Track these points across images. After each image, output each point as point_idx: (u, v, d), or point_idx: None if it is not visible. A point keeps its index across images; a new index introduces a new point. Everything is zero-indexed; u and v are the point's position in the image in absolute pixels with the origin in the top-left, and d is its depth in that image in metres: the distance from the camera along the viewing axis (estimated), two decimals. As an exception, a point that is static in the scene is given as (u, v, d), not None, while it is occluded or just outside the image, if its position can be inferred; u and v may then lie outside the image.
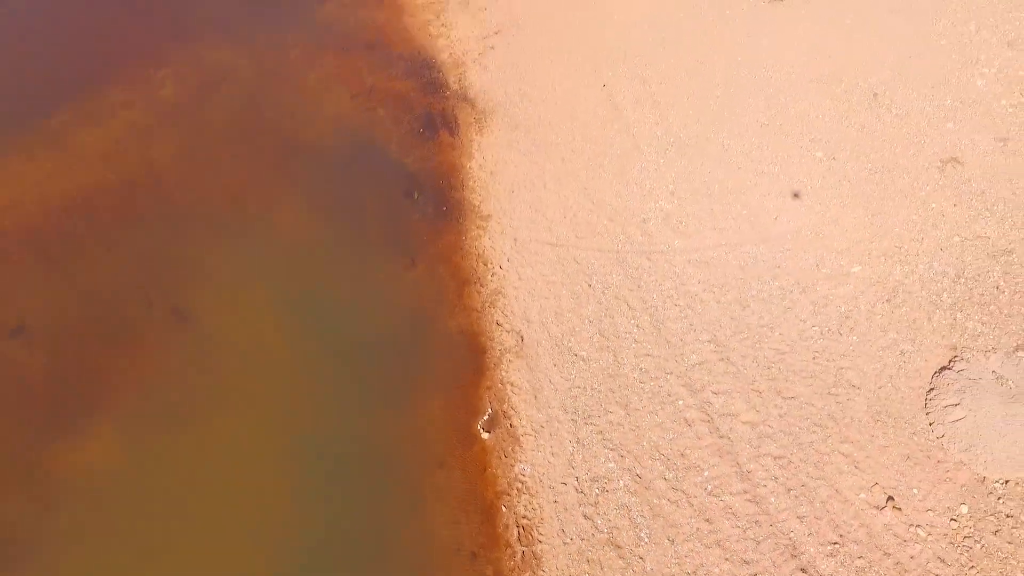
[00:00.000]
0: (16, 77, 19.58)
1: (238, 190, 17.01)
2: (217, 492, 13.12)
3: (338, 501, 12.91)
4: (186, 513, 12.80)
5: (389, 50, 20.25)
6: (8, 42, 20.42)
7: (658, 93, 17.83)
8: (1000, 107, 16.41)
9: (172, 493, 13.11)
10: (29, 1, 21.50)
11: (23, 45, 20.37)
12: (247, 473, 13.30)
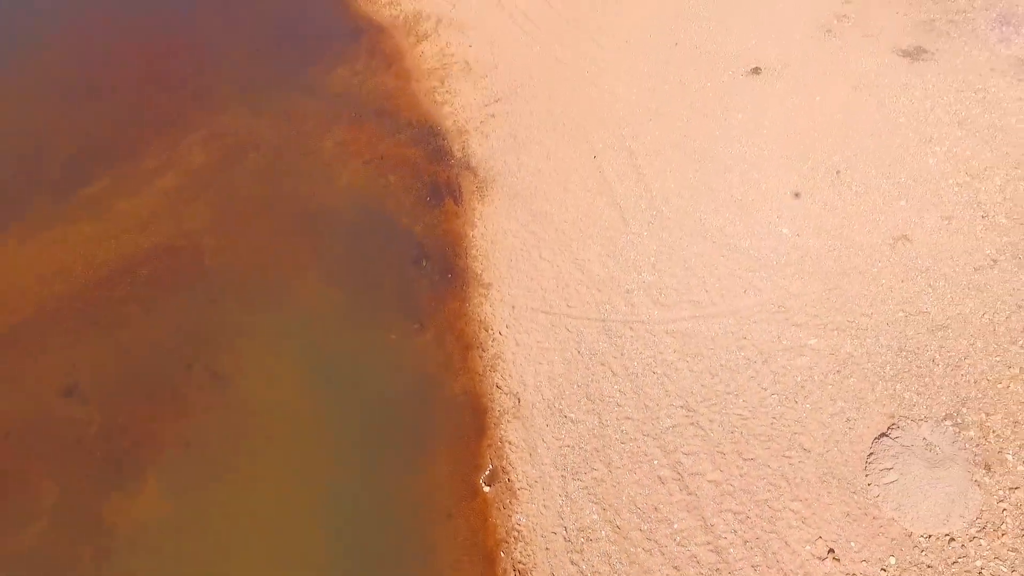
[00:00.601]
0: (56, 146, 21.72)
1: (264, 257, 19.16)
2: (251, 539, 15.31)
3: (360, 547, 15.10)
4: (226, 558, 14.99)
5: (398, 117, 22.37)
6: (48, 112, 22.53)
7: (643, 166, 19.95)
8: (947, 186, 18.53)
9: (212, 540, 15.31)
10: (64, 72, 23.60)
11: (62, 115, 22.49)
12: (277, 521, 15.48)
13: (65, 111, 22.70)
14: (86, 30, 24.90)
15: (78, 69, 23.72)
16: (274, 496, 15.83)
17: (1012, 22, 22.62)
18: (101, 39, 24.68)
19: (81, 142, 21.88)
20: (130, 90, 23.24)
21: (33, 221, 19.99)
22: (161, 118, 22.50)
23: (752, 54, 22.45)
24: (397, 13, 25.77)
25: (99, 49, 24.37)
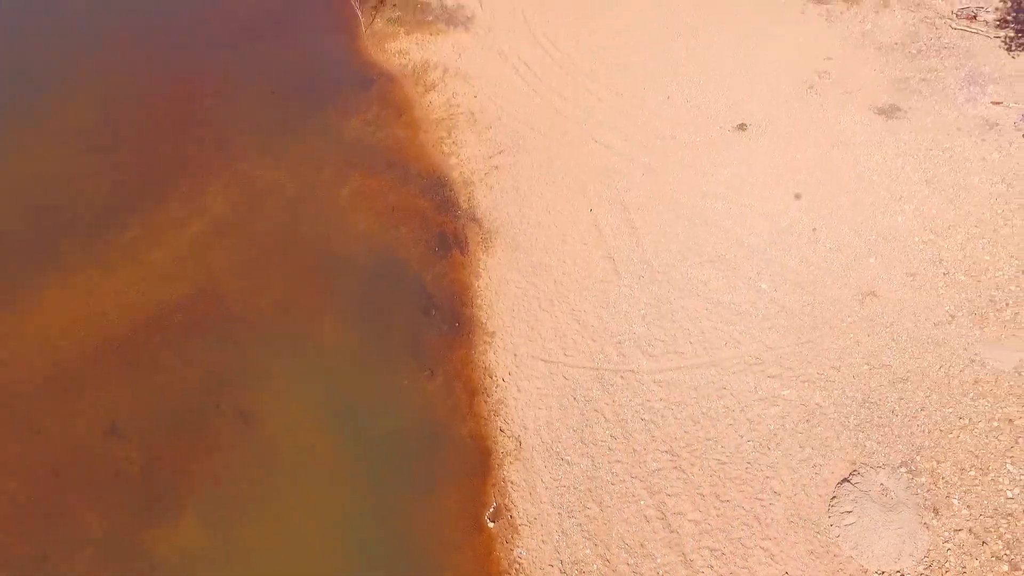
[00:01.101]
0: (88, 194, 23.55)
1: (286, 303, 21.04)
2: (277, 566, 17.23)
3: (376, 574, 17.02)
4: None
5: (408, 168, 24.22)
6: (78, 160, 24.35)
7: (636, 219, 21.82)
8: (913, 243, 20.42)
9: (242, 567, 17.22)
10: (91, 121, 25.38)
11: (91, 163, 24.31)
12: (300, 549, 17.40)
13: (94, 159, 24.52)
14: (111, 79, 26.68)
15: (104, 117, 25.53)
16: (297, 527, 17.75)
17: (978, 82, 24.48)
18: (125, 87, 26.46)
19: (111, 190, 23.72)
20: (155, 138, 25.06)
21: (71, 268, 21.85)
22: (185, 165, 24.34)
23: (739, 109, 24.31)
24: (406, 62, 27.59)
25: (124, 97, 26.15)
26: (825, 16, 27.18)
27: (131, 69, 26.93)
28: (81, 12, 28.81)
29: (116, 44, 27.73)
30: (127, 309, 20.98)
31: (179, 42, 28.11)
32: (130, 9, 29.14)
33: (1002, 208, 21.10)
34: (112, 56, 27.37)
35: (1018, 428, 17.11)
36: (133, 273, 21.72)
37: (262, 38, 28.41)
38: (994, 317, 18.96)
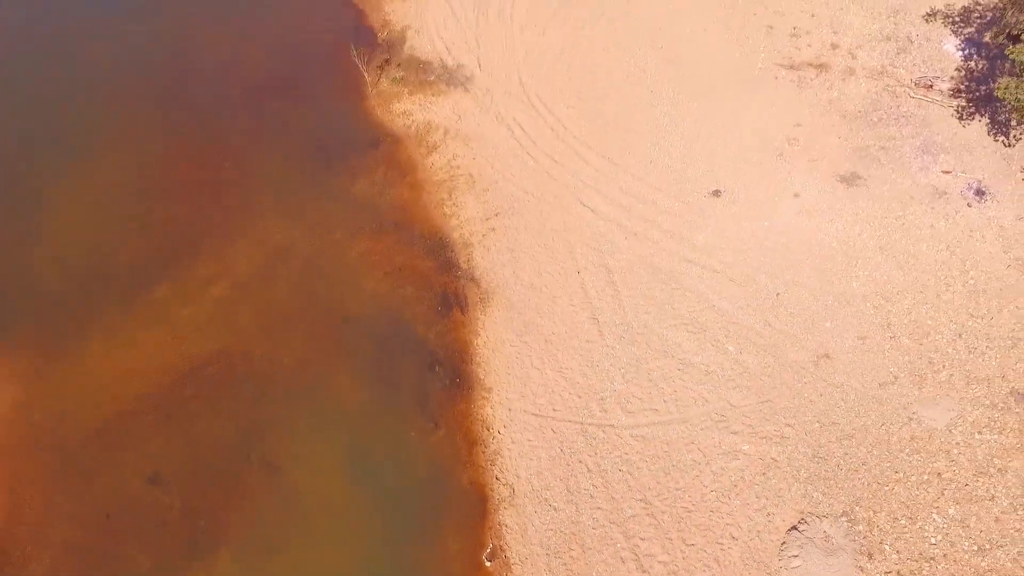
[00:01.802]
0: (120, 254, 26.24)
1: (306, 361, 23.80)
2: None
3: (387, 607, 19.90)
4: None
5: (412, 229, 26.93)
6: (109, 221, 26.99)
7: (619, 283, 24.56)
8: (865, 308, 23.20)
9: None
10: (120, 182, 28.00)
11: (122, 224, 26.97)
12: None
13: (124, 220, 27.19)
14: (139, 142, 29.26)
15: (133, 180, 28.16)
16: (319, 565, 20.58)
17: (931, 151, 27.18)
18: (152, 150, 29.06)
19: (141, 249, 26.41)
20: (181, 200, 27.73)
21: (110, 326, 24.58)
22: (209, 226, 27.02)
23: (715, 176, 26.99)
24: (410, 123, 30.21)
25: (151, 160, 28.76)
26: (797, 83, 29.82)
27: (157, 132, 29.53)
28: (107, 75, 31.37)
29: (143, 106, 30.32)
30: (162, 364, 23.72)
31: (201, 103, 30.69)
32: (154, 72, 31.71)
33: (945, 274, 23.87)
34: (140, 118, 29.96)
35: (945, 480, 19.95)
36: (166, 330, 24.44)
37: (277, 99, 30.99)
38: (932, 378, 21.76)
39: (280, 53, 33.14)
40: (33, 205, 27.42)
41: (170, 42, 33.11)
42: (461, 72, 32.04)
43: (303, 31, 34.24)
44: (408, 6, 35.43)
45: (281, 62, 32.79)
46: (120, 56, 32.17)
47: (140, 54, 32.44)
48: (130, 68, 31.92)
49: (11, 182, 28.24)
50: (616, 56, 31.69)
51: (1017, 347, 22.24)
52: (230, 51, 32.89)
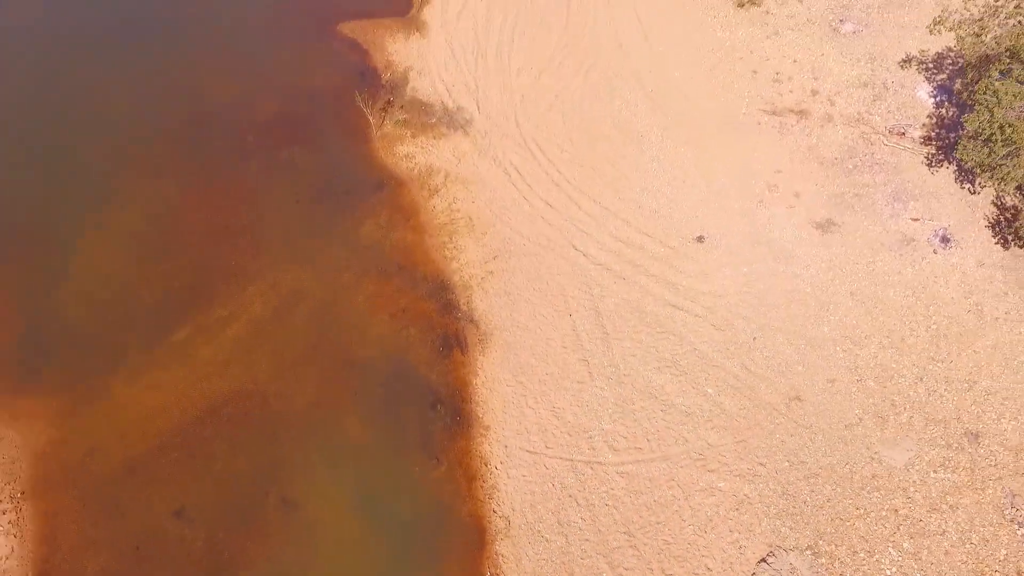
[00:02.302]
0: (143, 297, 28.27)
1: (317, 399, 25.88)
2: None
3: (394, 631, 22.06)
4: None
5: (415, 272, 28.98)
6: (130, 266, 29.01)
7: (607, 326, 26.63)
8: (835, 352, 25.27)
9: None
10: (140, 227, 30.00)
11: (142, 268, 29.00)
12: (336, 610, 22.42)
13: (147, 264, 29.22)
14: (157, 187, 31.25)
15: (153, 226, 30.16)
16: (332, 592, 22.75)
17: (902, 198, 29.20)
18: (168, 193, 31.06)
19: (163, 292, 28.45)
20: (199, 242, 29.75)
21: (134, 366, 26.64)
22: (226, 269, 29.05)
23: (699, 221, 29.01)
24: (412, 166, 32.21)
25: (168, 203, 30.78)
26: (778, 128, 31.82)
27: (176, 177, 31.50)
28: (126, 122, 33.30)
29: (162, 152, 32.27)
30: (185, 403, 25.81)
31: (215, 148, 32.66)
32: (170, 118, 33.62)
33: (910, 319, 25.95)
34: (159, 164, 31.92)
35: (901, 516, 22.09)
36: (187, 371, 26.52)
37: (288, 143, 32.99)
38: (893, 420, 23.87)
39: (290, 96, 35.10)
40: (60, 250, 29.40)
41: (185, 88, 35.03)
42: (461, 115, 34.03)
43: (311, 73, 36.20)
44: (411, 47, 37.40)
45: (291, 105, 34.75)
46: (138, 103, 34.09)
47: (157, 100, 34.36)
48: (148, 114, 33.82)
49: (38, 227, 30.21)
50: (607, 101, 33.69)
51: (972, 390, 24.36)
52: (242, 95, 34.86)
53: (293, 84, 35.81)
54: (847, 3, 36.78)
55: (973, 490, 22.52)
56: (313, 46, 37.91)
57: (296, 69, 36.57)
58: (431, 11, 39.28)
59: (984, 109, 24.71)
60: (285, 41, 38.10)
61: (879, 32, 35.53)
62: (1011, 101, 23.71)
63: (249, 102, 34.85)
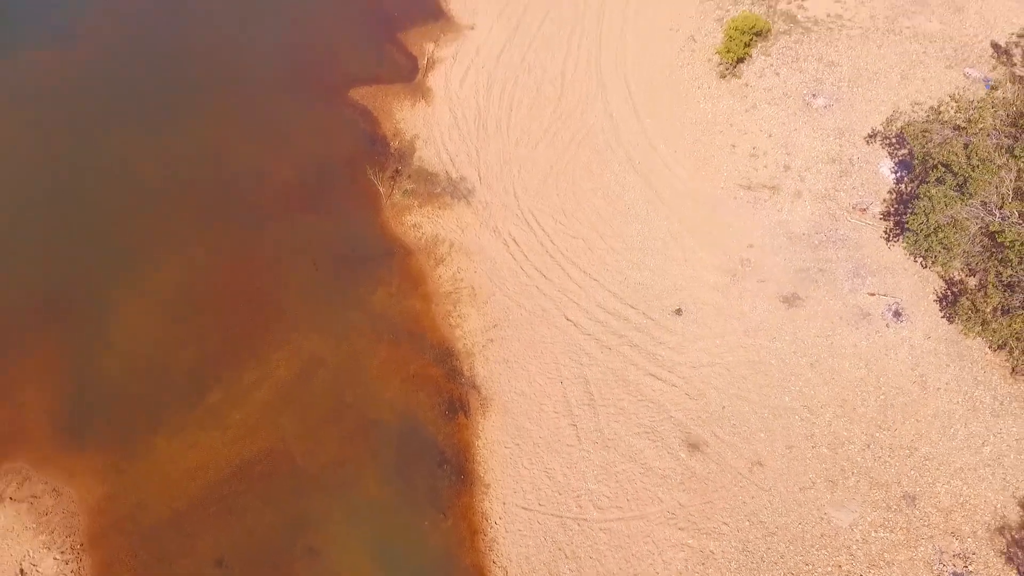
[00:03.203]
0: (178, 361, 31.99)
1: (337, 458, 29.67)
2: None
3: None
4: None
5: (423, 339, 32.72)
6: (166, 331, 32.71)
7: (595, 393, 30.41)
8: (794, 420, 29.08)
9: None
10: (172, 295, 33.68)
11: (177, 333, 32.70)
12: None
13: (179, 329, 32.94)
14: (185, 252, 34.89)
15: (183, 292, 33.86)
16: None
17: (861, 273, 32.91)
18: (198, 262, 34.71)
19: (196, 358, 32.20)
20: (226, 309, 33.47)
21: (173, 427, 30.42)
22: (252, 335, 32.79)
23: (678, 294, 32.75)
24: (420, 235, 35.88)
25: (197, 272, 34.44)
26: (752, 203, 35.48)
27: (203, 246, 35.17)
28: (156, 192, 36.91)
29: (191, 221, 35.93)
30: (220, 462, 29.61)
31: (239, 216, 36.33)
32: (197, 188, 37.24)
33: (861, 390, 29.74)
34: (188, 233, 35.57)
35: (844, 572, 25.98)
36: (221, 432, 30.30)
37: (305, 211, 36.68)
38: (842, 483, 27.70)
39: (306, 163, 38.75)
40: (100, 316, 33.11)
41: (208, 153, 38.68)
42: (464, 184, 37.66)
43: (325, 140, 39.82)
44: (417, 115, 40.97)
45: (307, 172, 38.40)
46: (165, 171, 37.72)
47: (182, 167, 38.00)
48: (175, 182, 37.48)
49: (79, 294, 33.89)
50: (598, 173, 37.34)
51: (913, 456, 28.19)
52: (262, 162, 38.51)
53: (309, 151, 39.44)
54: (820, 76, 40.34)
55: (907, 548, 26.40)
56: (326, 112, 41.49)
57: (311, 135, 40.18)
58: (435, 78, 42.85)
59: (921, 212, 28.38)
60: (300, 106, 41.69)
61: (848, 106, 39.11)
62: (943, 208, 27.36)
63: (269, 169, 38.49)
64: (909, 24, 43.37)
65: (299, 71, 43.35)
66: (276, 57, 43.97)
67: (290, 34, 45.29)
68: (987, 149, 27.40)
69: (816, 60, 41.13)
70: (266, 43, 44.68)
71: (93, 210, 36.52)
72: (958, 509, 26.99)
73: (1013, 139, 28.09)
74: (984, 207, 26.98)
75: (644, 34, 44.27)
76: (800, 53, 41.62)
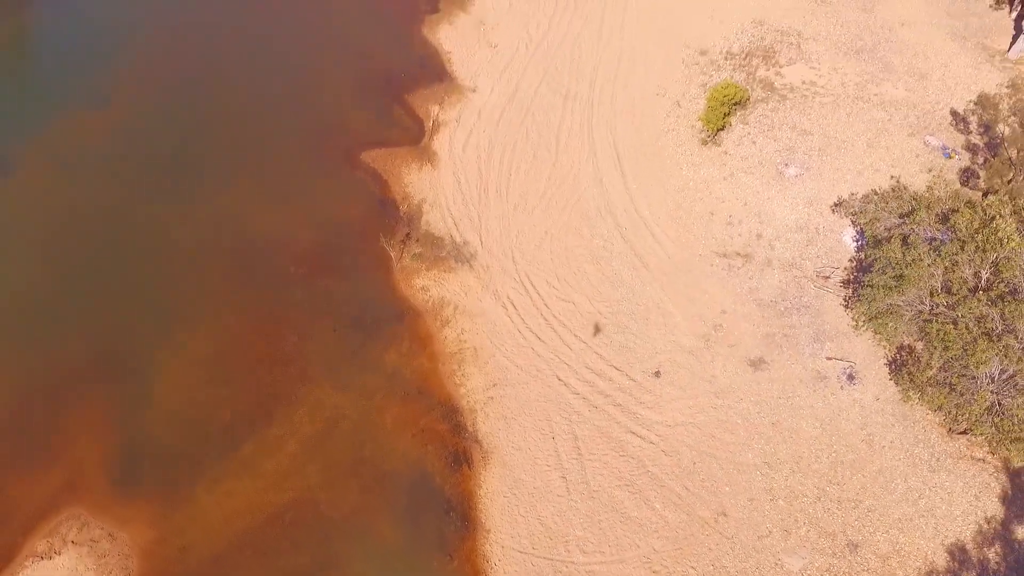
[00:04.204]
0: (213, 417, 36.59)
1: (357, 505, 34.38)
2: None
3: None
4: None
5: (431, 396, 37.34)
6: (202, 390, 37.28)
7: (582, 448, 35.05)
8: (755, 475, 33.73)
9: None
10: (205, 354, 38.21)
11: (212, 392, 37.28)
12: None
13: (216, 387, 37.56)
14: (217, 317, 39.42)
15: (216, 354, 38.43)
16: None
17: (821, 338, 37.46)
18: (228, 324, 39.23)
19: (230, 413, 36.81)
20: (256, 368, 38.07)
21: (212, 477, 35.09)
22: (280, 392, 37.40)
23: (657, 358, 37.34)
24: (428, 298, 40.41)
25: (229, 333, 38.97)
26: (727, 270, 39.97)
27: (233, 307, 39.72)
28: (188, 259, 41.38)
29: (221, 286, 40.46)
30: (255, 509, 34.32)
31: (264, 281, 40.87)
32: (224, 254, 41.71)
33: (816, 448, 34.40)
34: (217, 295, 40.10)
35: (793, 611, 30.80)
36: (255, 482, 34.99)
37: (323, 274, 41.23)
38: (795, 532, 32.43)
39: (323, 226, 43.29)
40: (144, 375, 37.71)
41: (234, 222, 43.14)
42: (467, 248, 42.13)
43: (340, 203, 44.36)
44: (423, 178, 45.38)
45: (326, 236, 42.96)
46: (198, 237, 42.25)
47: (213, 234, 42.52)
48: (204, 248, 42.00)
49: (124, 354, 38.45)
50: (588, 238, 41.84)
51: (858, 508, 32.89)
52: (283, 226, 43.03)
53: (326, 215, 43.94)
54: (792, 145, 44.73)
55: (848, 590, 31.24)
56: (341, 175, 45.98)
57: (328, 200, 44.69)
58: (440, 141, 47.23)
59: (865, 300, 32.85)
60: (318, 170, 46.20)
61: (818, 175, 43.51)
62: (883, 297, 31.82)
63: (290, 233, 43.03)
64: (877, 91, 47.80)
65: (316, 134, 47.78)
66: (295, 120, 48.41)
67: (307, 96, 49.72)
68: (919, 249, 31.85)
69: (790, 128, 45.56)
70: (285, 106, 49.12)
71: (134, 274, 41.04)
72: (894, 556, 31.75)
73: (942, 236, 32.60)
74: (918, 298, 31.51)
75: (633, 98, 48.62)
76: (776, 121, 46.03)
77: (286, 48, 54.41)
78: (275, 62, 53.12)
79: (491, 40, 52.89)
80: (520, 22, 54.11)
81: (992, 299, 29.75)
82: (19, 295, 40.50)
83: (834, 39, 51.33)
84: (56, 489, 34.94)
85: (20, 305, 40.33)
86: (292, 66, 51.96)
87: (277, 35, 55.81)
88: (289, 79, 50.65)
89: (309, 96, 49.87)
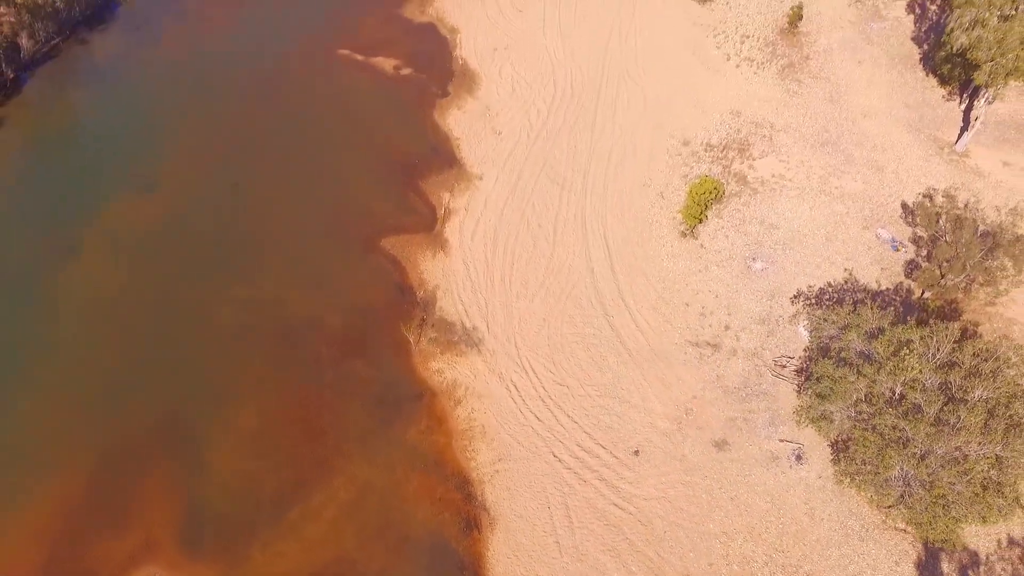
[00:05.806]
0: (263, 485, 44.12)
1: (386, 565, 42.04)
2: None
3: None
4: None
5: (446, 468, 45.01)
6: (254, 459, 44.75)
7: (573, 518, 42.66)
8: (715, 544, 41.41)
9: None
10: (252, 427, 45.62)
11: (261, 461, 44.75)
12: None
13: (264, 457, 45.04)
14: (261, 396, 46.76)
15: (264, 425, 45.84)
16: None
17: (775, 422, 44.98)
18: (270, 402, 46.60)
19: (277, 482, 44.37)
20: (297, 441, 45.57)
21: (264, 539, 42.71)
22: (318, 463, 44.96)
23: (636, 438, 44.90)
24: (442, 379, 47.79)
25: (272, 409, 46.37)
26: (698, 359, 47.35)
27: (274, 385, 47.09)
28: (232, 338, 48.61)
29: (259, 364, 47.74)
30: (302, 567, 42.00)
31: (301, 361, 48.22)
32: (265, 335, 48.94)
33: (766, 520, 42.09)
34: (259, 375, 47.42)
35: (741, 659, 38.69)
36: (300, 543, 42.66)
37: (350, 356, 48.60)
38: (745, 592, 40.26)
39: (349, 311, 50.61)
40: (201, 451, 45.17)
41: (272, 305, 50.37)
42: (476, 334, 49.43)
43: (364, 289, 51.62)
44: (437, 265, 52.52)
45: (351, 319, 50.33)
46: (240, 319, 49.55)
47: (253, 317, 49.79)
48: (248, 330, 49.28)
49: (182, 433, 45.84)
50: (581, 326, 49.15)
51: (798, 572, 40.68)
52: (315, 311, 50.37)
53: (352, 300, 51.23)
54: (760, 240, 51.86)
55: (786, 641, 39.12)
56: (364, 261, 53.21)
57: (353, 284, 52.00)
58: (451, 229, 54.30)
59: (803, 408, 40.34)
60: (343, 255, 53.42)
61: (781, 269, 50.72)
62: (818, 405, 39.35)
63: (320, 317, 50.40)
64: (838, 184, 54.91)
65: (342, 221, 54.93)
66: (324, 207, 55.53)
67: (335, 184, 56.72)
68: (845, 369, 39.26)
69: (759, 223, 52.71)
70: (314, 193, 56.24)
71: (184, 355, 48.45)
72: (825, 613, 39.70)
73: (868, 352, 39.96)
74: (846, 406, 39.02)
75: (622, 190, 55.65)
76: (747, 216, 53.16)
77: (315, 135, 61.27)
78: (304, 148, 60.03)
79: (496, 127, 59.70)
80: (522, 109, 60.90)
81: (901, 413, 37.21)
82: (92, 375, 47.91)
83: (803, 131, 58.25)
84: (135, 548, 42.72)
85: (91, 382, 47.78)
86: (321, 155, 58.87)
87: (306, 120, 62.58)
88: (318, 166, 57.61)
89: (336, 184, 56.87)
